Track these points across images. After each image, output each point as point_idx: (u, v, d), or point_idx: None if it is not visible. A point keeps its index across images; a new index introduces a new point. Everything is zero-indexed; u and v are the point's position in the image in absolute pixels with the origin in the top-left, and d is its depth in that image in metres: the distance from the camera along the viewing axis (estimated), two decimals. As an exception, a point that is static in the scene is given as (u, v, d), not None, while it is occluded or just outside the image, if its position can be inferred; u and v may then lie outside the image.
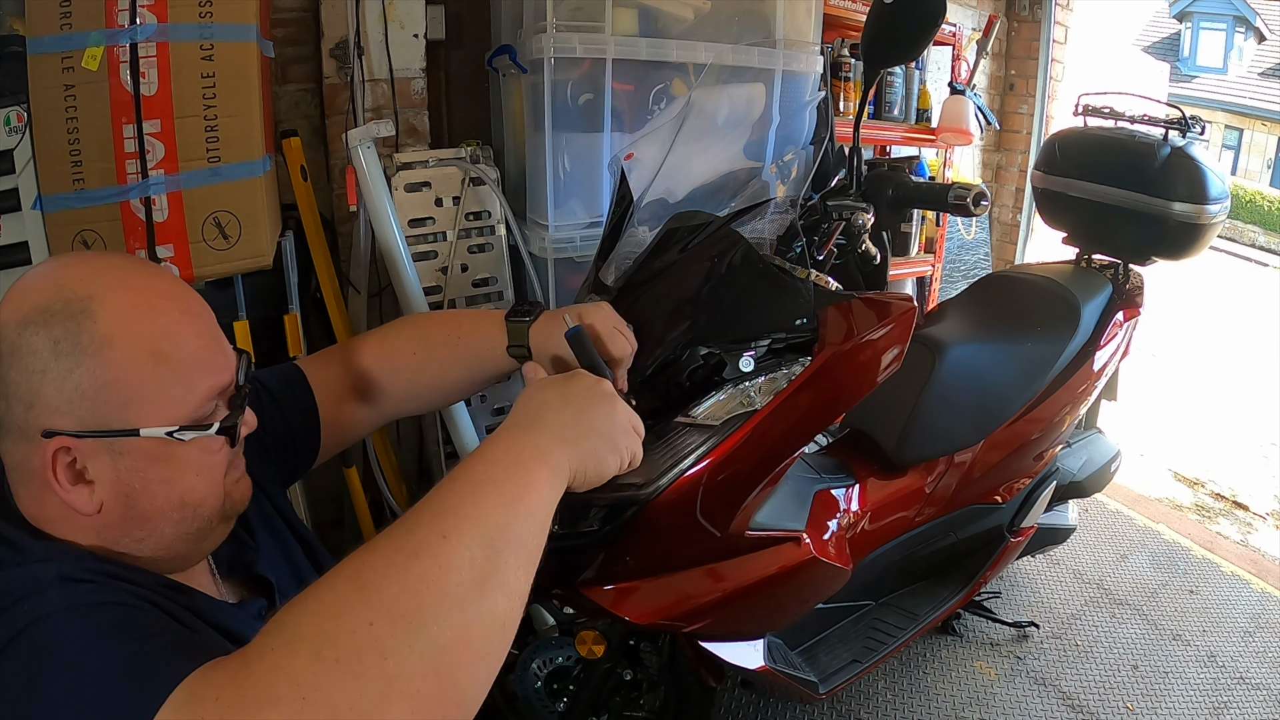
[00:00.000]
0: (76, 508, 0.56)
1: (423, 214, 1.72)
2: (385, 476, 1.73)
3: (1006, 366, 1.59)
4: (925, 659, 1.86)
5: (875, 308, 1.06)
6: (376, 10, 1.70)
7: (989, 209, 2.16)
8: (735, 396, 1.01)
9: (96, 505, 0.57)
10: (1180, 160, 1.70)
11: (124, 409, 0.56)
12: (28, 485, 0.58)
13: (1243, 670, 1.87)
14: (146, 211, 1.28)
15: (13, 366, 0.55)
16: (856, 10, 2.23)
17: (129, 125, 1.25)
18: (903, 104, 2.57)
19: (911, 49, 1.13)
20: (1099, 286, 1.77)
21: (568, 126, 1.64)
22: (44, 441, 0.55)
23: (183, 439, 0.58)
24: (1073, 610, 2.07)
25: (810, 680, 1.32)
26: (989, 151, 3.48)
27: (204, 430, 0.59)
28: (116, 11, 1.22)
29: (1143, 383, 3.56)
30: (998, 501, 1.65)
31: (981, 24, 3.07)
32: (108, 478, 0.57)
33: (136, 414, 0.56)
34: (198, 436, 0.59)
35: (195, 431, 0.59)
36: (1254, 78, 12.81)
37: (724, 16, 1.77)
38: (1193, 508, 2.73)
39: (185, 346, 0.58)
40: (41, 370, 0.54)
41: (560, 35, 1.54)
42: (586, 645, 1.19)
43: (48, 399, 0.54)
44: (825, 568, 1.19)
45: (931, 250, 2.77)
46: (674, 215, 1.18)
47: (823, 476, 1.38)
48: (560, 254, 1.68)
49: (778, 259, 1.10)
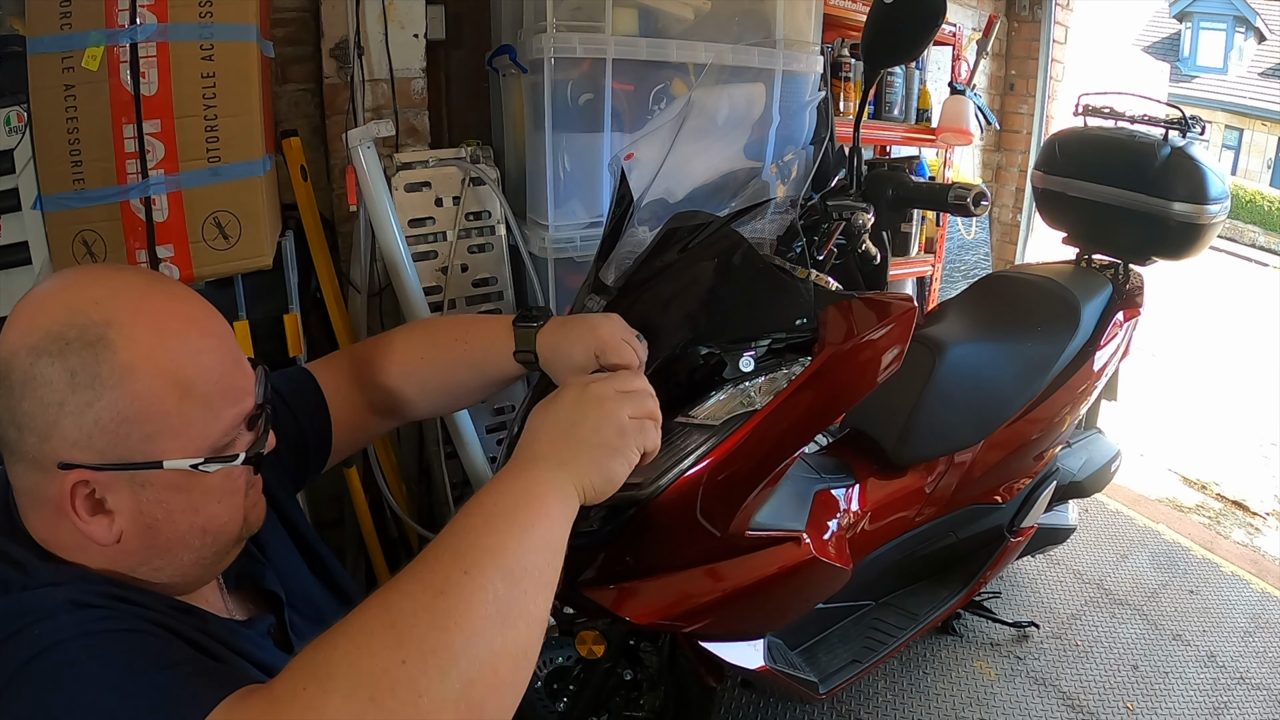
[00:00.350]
0: (95, 539, 0.54)
1: (423, 214, 1.72)
2: (385, 476, 1.73)
3: (1006, 366, 1.59)
4: (925, 659, 1.86)
5: (875, 308, 1.06)
6: (376, 10, 1.70)
7: (989, 209, 2.16)
8: (735, 396, 1.01)
9: (116, 535, 0.55)
10: (1180, 160, 1.70)
11: (146, 441, 0.54)
12: (39, 511, 0.56)
13: (1243, 670, 1.87)
14: (146, 211, 1.28)
15: (25, 397, 0.52)
16: (856, 10, 2.23)
17: (129, 125, 1.25)
18: (903, 104, 2.57)
19: (911, 49, 1.13)
20: (1099, 286, 1.77)
21: (568, 126, 1.64)
22: (60, 473, 0.53)
23: (209, 470, 0.57)
24: (1073, 610, 2.07)
25: (810, 680, 1.32)
26: (989, 151, 3.48)
27: (229, 461, 0.58)
28: (116, 11, 1.22)
29: (1143, 383, 3.56)
30: (998, 501, 1.65)
31: (981, 24, 3.07)
32: (128, 508, 0.55)
33: (160, 446, 0.54)
34: (223, 467, 0.57)
35: (221, 463, 0.57)
36: (1254, 78, 12.81)
37: (724, 16, 1.77)
38: (1193, 508, 2.73)
39: (209, 375, 0.56)
40: (58, 403, 0.52)
41: (560, 35, 1.54)
42: (586, 645, 1.19)
43: (65, 432, 0.52)
44: (825, 568, 1.19)
45: (931, 250, 2.77)
46: (674, 215, 1.18)
47: (823, 476, 1.38)
48: (560, 254, 1.68)
49: (778, 259, 1.10)
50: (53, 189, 1.25)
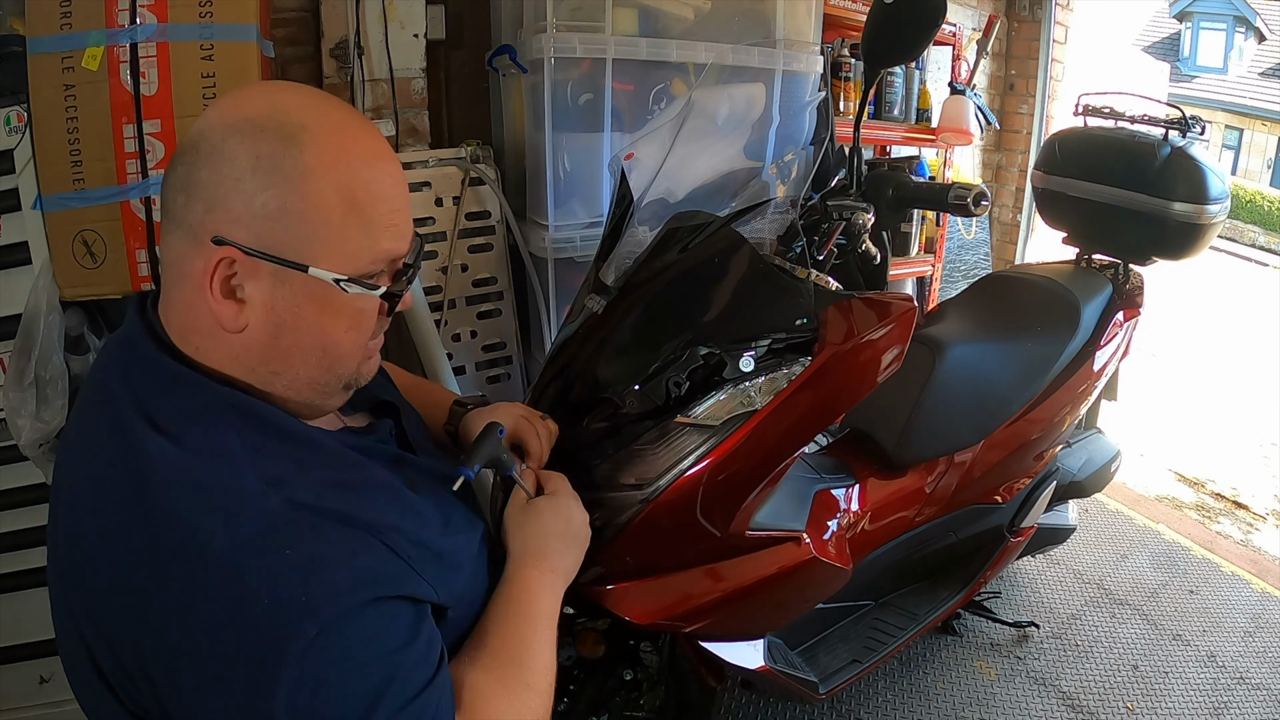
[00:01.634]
0: (222, 321, 0.57)
1: (423, 214, 1.72)
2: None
3: (1007, 366, 1.59)
4: (925, 659, 1.86)
5: (875, 308, 1.06)
6: (376, 10, 1.70)
7: (989, 209, 2.16)
8: (735, 396, 1.01)
9: (243, 324, 0.57)
10: (1180, 160, 1.69)
11: (302, 243, 0.56)
12: (180, 287, 0.58)
13: (1243, 670, 1.87)
14: (146, 211, 1.28)
15: (206, 166, 0.54)
16: (856, 10, 2.23)
17: (129, 125, 1.25)
18: (903, 104, 2.56)
19: (911, 49, 1.13)
20: (1099, 286, 1.77)
21: (568, 126, 1.64)
22: (212, 247, 0.55)
23: (348, 290, 0.58)
24: (1073, 610, 2.07)
25: (810, 680, 1.32)
26: (989, 151, 3.48)
27: (371, 289, 0.60)
28: (116, 11, 1.22)
29: (1143, 383, 3.56)
30: (998, 501, 1.65)
31: (981, 24, 3.07)
32: (262, 301, 0.57)
33: (313, 252, 0.56)
34: (362, 293, 0.59)
35: (361, 287, 0.59)
36: (1254, 78, 12.81)
37: (724, 16, 1.77)
38: (1193, 508, 2.73)
39: (379, 205, 0.59)
40: (235, 179, 0.54)
41: (560, 35, 1.54)
42: (586, 645, 1.19)
43: (231, 207, 0.54)
44: (825, 568, 1.19)
45: (931, 250, 2.77)
46: (674, 215, 1.18)
47: (823, 476, 1.38)
48: (560, 254, 1.68)
49: (778, 259, 1.10)
50: (53, 189, 1.25)
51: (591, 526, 0.95)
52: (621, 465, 1.00)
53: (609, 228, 1.15)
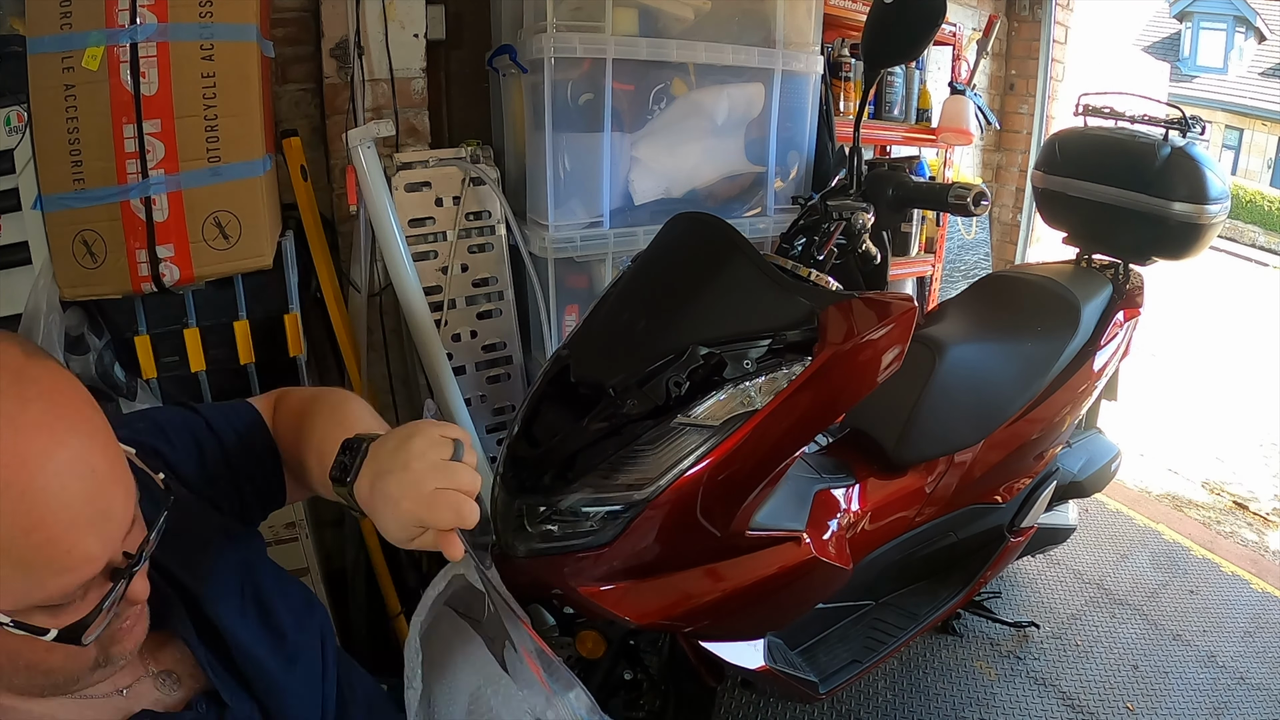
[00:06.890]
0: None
1: (423, 214, 1.72)
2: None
3: (1006, 366, 1.59)
4: (925, 659, 1.86)
5: (875, 308, 1.06)
6: (376, 10, 1.69)
7: (989, 209, 2.16)
8: (735, 396, 1.01)
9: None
10: (1180, 160, 1.69)
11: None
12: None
13: (1243, 670, 1.87)
14: (146, 211, 1.27)
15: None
16: (856, 10, 2.23)
17: (129, 125, 1.25)
18: (903, 104, 2.56)
19: (911, 49, 1.13)
20: (1099, 286, 1.77)
21: (568, 126, 1.64)
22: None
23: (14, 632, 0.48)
24: (1073, 610, 2.07)
25: (810, 680, 1.32)
26: (989, 151, 3.48)
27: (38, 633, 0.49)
28: (116, 11, 1.22)
29: (1143, 383, 3.55)
30: (998, 501, 1.65)
31: (981, 24, 3.07)
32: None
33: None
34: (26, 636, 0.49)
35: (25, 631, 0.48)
36: (1254, 78, 12.80)
37: (724, 16, 1.77)
38: (1193, 507, 2.73)
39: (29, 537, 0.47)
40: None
41: (560, 35, 1.54)
42: (586, 645, 1.19)
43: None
44: (825, 567, 1.19)
45: (931, 250, 2.77)
46: (674, 215, 1.18)
47: (823, 476, 1.38)
48: (560, 254, 1.68)
49: (778, 259, 1.10)
50: (53, 189, 1.25)
51: (592, 526, 0.95)
52: (621, 465, 1.00)
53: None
